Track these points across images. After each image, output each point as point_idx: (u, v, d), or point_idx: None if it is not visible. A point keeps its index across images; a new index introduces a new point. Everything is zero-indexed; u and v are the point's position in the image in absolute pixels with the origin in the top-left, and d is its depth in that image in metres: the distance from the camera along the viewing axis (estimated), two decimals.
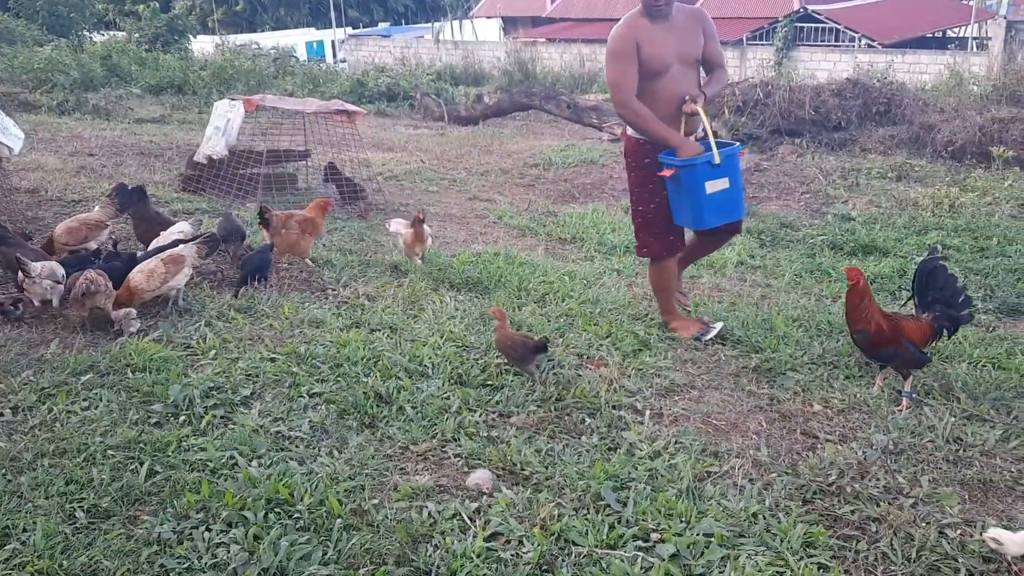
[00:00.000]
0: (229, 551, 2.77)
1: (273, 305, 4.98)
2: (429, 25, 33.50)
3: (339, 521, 2.93)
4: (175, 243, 5.04)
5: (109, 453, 3.33)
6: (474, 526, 2.95)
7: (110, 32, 28.28)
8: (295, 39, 29.84)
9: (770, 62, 20.56)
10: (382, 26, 37.59)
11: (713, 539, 2.88)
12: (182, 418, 3.63)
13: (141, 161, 9.75)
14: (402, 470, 3.34)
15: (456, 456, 3.44)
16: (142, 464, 3.24)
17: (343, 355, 4.23)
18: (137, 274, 4.65)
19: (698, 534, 2.90)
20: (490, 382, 4.07)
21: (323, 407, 3.78)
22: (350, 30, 33.95)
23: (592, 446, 3.52)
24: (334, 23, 33.30)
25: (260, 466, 3.25)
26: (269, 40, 25.86)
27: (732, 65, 20.26)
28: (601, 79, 19.31)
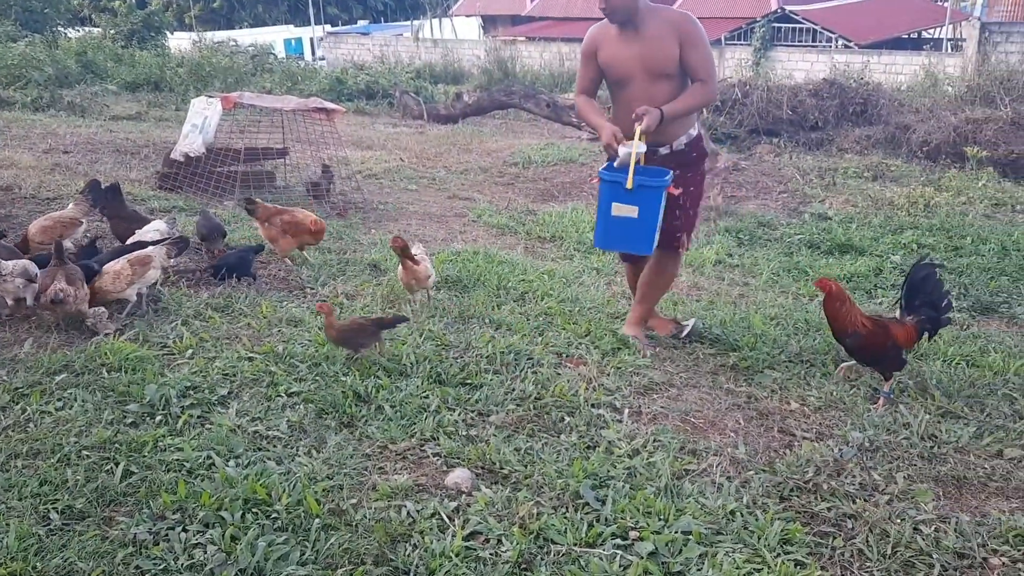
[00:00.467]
0: (206, 552, 2.75)
1: (251, 304, 4.95)
2: (408, 23, 33.35)
3: (317, 521, 2.92)
4: (139, 244, 4.99)
5: (84, 453, 3.29)
6: (453, 525, 2.95)
7: (85, 28, 27.99)
8: (273, 36, 29.61)
9: (748, 62, 20.70)
10: (361, 24, 37.41)
11: (691, 537, 2.89)
12: (158, 418, 3.59)
13: (117, 159, 9.65)
14: (381, 469, 3.33)
15: (435, 455, 3.43)
16: (117, 464, 3.21)
17: (322, 354, 4.21)
18: (104, 275, 4.60)
19: (676, 532, 2.91)
20: (469, 381, 4.06)
21: (301, 406, 3.75)
22: (329, 27, 33.76)
23: (571, 444, 3.53)
24: (313, 20, 33.07)
25: (237, 466, 3.23)
26: (247, 37, 25.65)
27: None
28: None
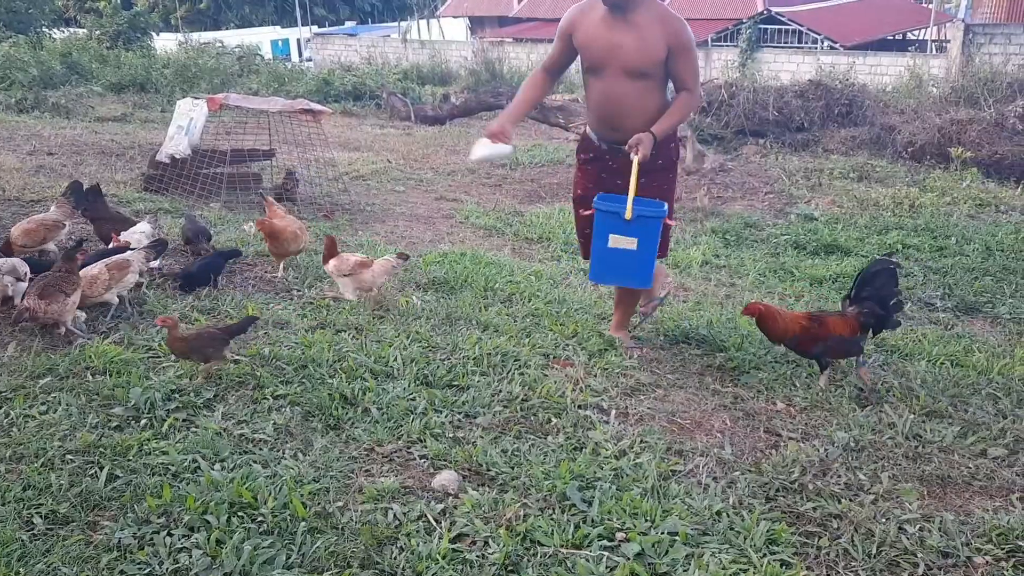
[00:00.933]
0: (191, 556, 2.73)
1: (237, 306, 4.93)
2: (396, 24, 33.31)
3: (303, 524, 2.91)
4: (117, 250, 4.96)
5: (68, 458, 3.27)
6: (440, 527, 2.94)
7: (70, 29, 27.86)
8: (260, 37, 29.49)
9: (735, 63, 20.74)
10: (348, 25, 37.30)
11: (678, 538, 2.90)
12: (143, 421, 3.57)
13: (102, 160, 9.60)
14: (367, 472, 3.32)
15: (422, 457, 3.43)
16: (102, 468, 3.19)
17: (308, 356, 4.20)
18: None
19: (663, 533, 2.91)
20: (456, 383, 4.05)
21: (287, 409, 3.74)
22: (316, 29, 33.64)
23: (558, 446, 3.53)
24: (299, 21, 32.97)
25: (223, 469, 3.21)
26: (234, 38, 25.53)
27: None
28: (566, 79, 19.35)
